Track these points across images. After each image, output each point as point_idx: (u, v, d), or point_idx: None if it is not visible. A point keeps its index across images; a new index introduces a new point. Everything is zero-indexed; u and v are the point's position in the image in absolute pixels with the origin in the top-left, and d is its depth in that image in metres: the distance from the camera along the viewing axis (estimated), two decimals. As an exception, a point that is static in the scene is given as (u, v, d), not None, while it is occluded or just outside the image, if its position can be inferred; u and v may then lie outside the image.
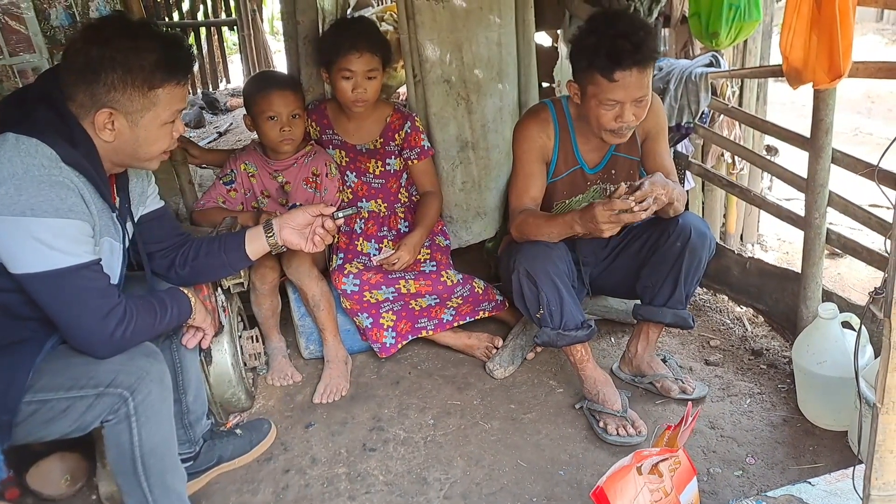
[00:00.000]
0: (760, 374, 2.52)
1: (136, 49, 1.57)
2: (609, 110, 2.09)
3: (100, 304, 1.57)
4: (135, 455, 1.67)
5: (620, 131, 2.13)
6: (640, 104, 2.09)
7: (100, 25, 1.63)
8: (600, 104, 2.09)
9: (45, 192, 1.48)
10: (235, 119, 6.76)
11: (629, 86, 2.03)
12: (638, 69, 2.01)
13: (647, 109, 2.13)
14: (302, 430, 2.35)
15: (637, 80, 2.03)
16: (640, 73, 2.02)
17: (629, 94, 2.05)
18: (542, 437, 2.25)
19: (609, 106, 2.08)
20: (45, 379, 1.59)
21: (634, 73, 2.01)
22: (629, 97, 2.06)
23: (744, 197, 2.93)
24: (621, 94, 2.05)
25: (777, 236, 3.79)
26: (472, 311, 2.73)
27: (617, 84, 2.03)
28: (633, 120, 2.10)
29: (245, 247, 1.98)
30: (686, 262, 2.20)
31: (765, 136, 3.26)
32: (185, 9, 7.77)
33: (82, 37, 1.60)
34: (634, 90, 2.05)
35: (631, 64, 2.00)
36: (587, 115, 2.17)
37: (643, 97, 2.08)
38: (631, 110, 2.08)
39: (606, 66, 2.01)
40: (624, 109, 2.08)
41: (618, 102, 2.07)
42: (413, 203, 2.83)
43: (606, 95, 2.06)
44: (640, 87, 2.05)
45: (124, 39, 1.57)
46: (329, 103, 2.75)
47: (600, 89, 2.06)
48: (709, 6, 2.60)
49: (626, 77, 2.02)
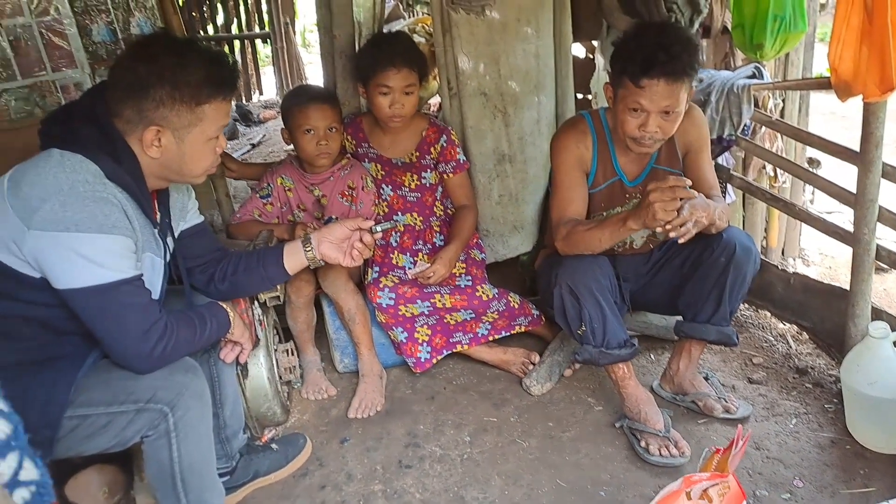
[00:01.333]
0: (806, 393, 2.45)
1: (182, 65, 1.58)
2: (634, 117, 2.06)
3: (141, 319, 1.57)
4: (174, 471, 1.67)
5: (643, 141, 2.08)
6: (667, 117, 2.04)
7: (146, 43, 1.64)
8: (626, 109, 2.06)
9: (89, 207, 1.48)
10: (268, 131, 6.82)
11: (655, 95, 1.99)
12: (666, 80, 1.97)
13: (675, 125, 2.08)
14: (337, 445, 2.33)
15: (664, 92, 1.99)
16: (669, 84, 1.98)
17: (654, 103, 2.01)
18: (581, 456, 2.20)
19: (634, 113, 2.05)
20: (86, 394, 1.60)
21: (662, 83, 1.98)
22: (654, 107, 2.02)
23: (787, 211, 2.86)
24: (646, 103, 2.01)
25: (819, 250, 3.70)
26: (508, 326, 2.69)
27: (643, 91, 2.00)
28: (657, 132, 2.06)
29: (283, 261, 1.98)
30: (730, 277, 2.15)
31: (807, 148, 3.19)
32: (219, 22, 7.87)
33: (129, 54, 1.62)
34: (660, 101, 2.00)
35: (660, 74, 1.96)
36: (616, 119, 2.14)
37: (671, 110, 2.03)
38: (656, 121, 2.04)
39: (636, 71, 1.99)
40: (648, 119, 2.04)
41: (643, 110, 2.03)
42: (448, 216, 2.81)
43: (633, 101, 2.03)
44: (666, 99, 2.00)
45: (171, 56, 1.58)
46: (364, 117, 2.74)
47: (627, 93, 2.04)
48: (753, 17, 2.56)
49: (653, 86, 1.98)
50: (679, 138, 2.26)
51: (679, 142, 2.27)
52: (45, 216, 1.45)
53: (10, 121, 2.58)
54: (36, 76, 2.54)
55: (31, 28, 2.46)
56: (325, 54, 2.84)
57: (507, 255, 2.94)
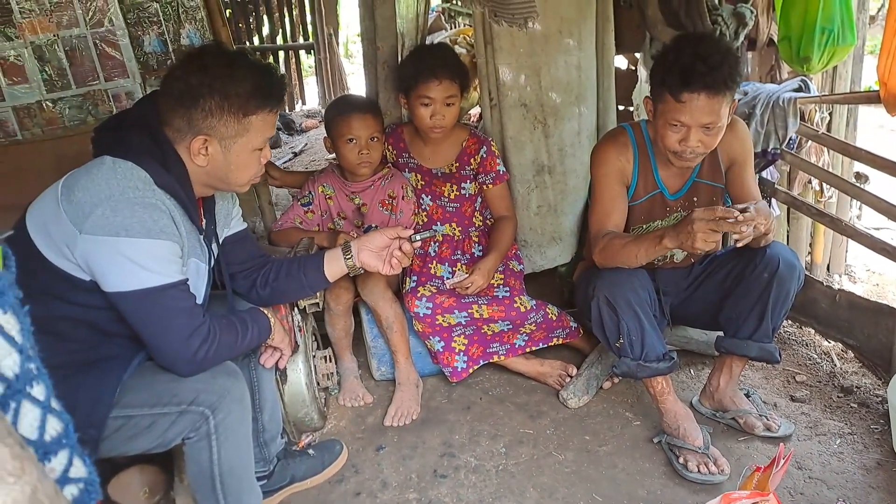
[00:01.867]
0: (851, 413, 2.39)
1: (232, 77, 1.62)
2: (675, 132, 2.03)
3: (185, 323, 1.61)
4: (213, 473, 1.69)
5: (684, 155, 2.05)
6: (708, 132, 2.01)
7: (198, 54, 1.68)
8: (667, 124, 2.03)
9: (138, 213, 1.52)
10: (310, 140, 6.91)
11: (695, 110, 1.96)
12: (707, 94, 1.93)
13: (717, 139, 2.04)
14: (373, 452, 2.35)
15: (705, 106, 1.95)
16: (710, 98, 1.94)
17: (695, 118, 1.97)
18: (618, 470, 2.18)
19: (675, 127, 2.02)
20: (131, 395, 1.63)
21: (703, 97, 1.94)
22: (695, 122, 1.98)
23: (834, 226, 2.80)
24: (687, 117, 1.98)
25: (866, 267, 3.61)
26: (546, 338, 2.68)
27: (683, 106, 1.97)
28: (699, 147, 2.02)
29: (324, 268, 2.00)
30: (774, 293, 2.11)
31: (854, 163, 3.12)
32: (265, 33, 8.01)
33: (182, 65, 1.66)
34: (701, 115, 1.97)
35: (701, 87, 1.93)
36: (657, 133, 2.12)
37: (712, 125, 1.99)
38: (697, 136, 2.00)
39: (676, 85, 1.96)
40: (689, 134, 2.00)
41: (683, 125, 2.00)
42: (487, 227, 2.81)
43: (673, 116, 2.00)
44: (707, 114, 1.96)
45: (222, 68, 1.62)
46: (405, 127, 2.77)
47: (668, 108, 2.01)
48: (800, 30, 2.52)
49: (694, 100, 1.95)
50: (722, 151, 2.23)
51: (722, 155, 2.24)
52: (96, 221, 1.50)
53: (65, 128, 2.67)
54: (89, 85, 2.63)
55: (86, 39, 2.55)
56: (367, 64, 2.88)
57: (544, 265, 2.93)
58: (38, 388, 0.80)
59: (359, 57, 12.52)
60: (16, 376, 0.77)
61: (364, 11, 2.80)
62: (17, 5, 2.47)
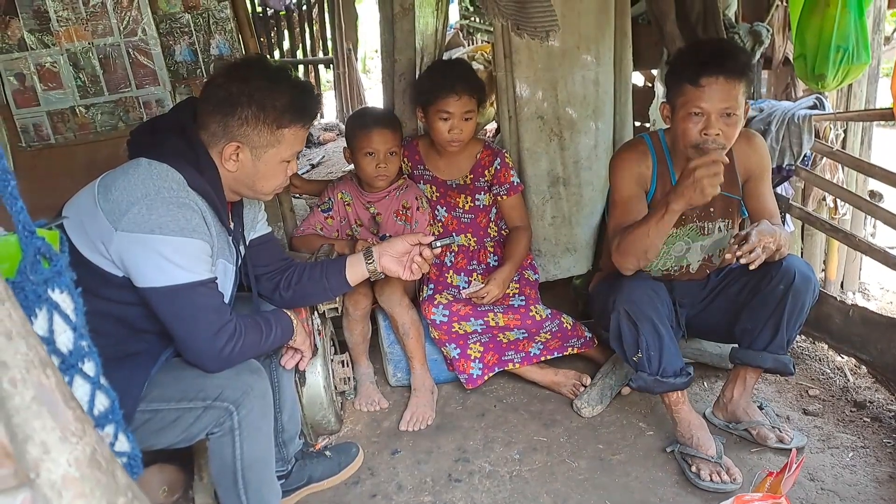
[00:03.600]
0: (864, 427, 2.40)
1: (272, 90, 1.69)
2: (695, 123, 2.06)
3: (213, 319, 1.65)
4: (236, 468, 1.74)
5: (706, 146, 2.05)
6: (728, 120, 2.04)
7: (243, 65, 1.76)
8: (687, 116, 2.07)
9: (172, 212, 1.58)
10: (327, 152, 6.99)
11: (714, 94, 2.01)
12: (724, 77, 2.00)
13: (736, 130, 2.07)
14: (388, 456, 2.38)
15: (723, 89, 2.00)
16: (727, 82, 2.00)
17: (714, 104, 2.02)
18: (631, 479, 2.20)
19: (695, 118, 2.05)
20: (158, 390, 1.68)
21: (721, 80, 2.00)
22: (715, 108, 2.02)
23: (848, 242, 2.82)
24: (706, 103, 2.02)
25: (880, 284, 3.62)
26: (561, 347, 2.71)
27: (703, 91, 2.01)
28: (719, 135, 2.04)
29: (346, 273, 2.05)
30: (789, 305, 2.13)
31: (868, 180, 3.15)
32: (285, 48, 8.14)
33: (225, 73, 1.74)
34: (720, 100, 2.01)
35: (717, 70, 1.99)
36: (676, 134, 2.15)
37: (731, 111, 2.03)
38: (718, 124, 2.03)
39: (693, 72, 2.02)
40: (710, 122, 2.03)
41: (703, 113, 2.04)
42: (502, 237, 2.85)
43: (693, 104, 2.04)
44: (726, 98, 2.01)
45: (263, 80, 1.69)
46: (420, 139, 2.82)
47: (687, 98, 2.05)
48: (815, 48, 2.55)
49: (712, 83, 2.00)
50: (739, 164, 2.26)
51: (739, 167, 2.27)
52: (132, 219, 1.55)
53: (96, 133, 2.75)
54: (121, 92, 2.70)
55: (119, 47, 2.64)
56: (385, 77, 2.94)
57: (558, 275, 2.97)
58: (89, 364, 0.85)
59: (376, 72, 12.65)
60: (69, 352, 0.82)
61: (384, 25, 2.86)
62: (54, 14, 2.56)
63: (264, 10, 7.84)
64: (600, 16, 2.80)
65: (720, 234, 2.33)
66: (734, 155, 2.24)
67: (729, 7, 2.96)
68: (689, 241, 2.32)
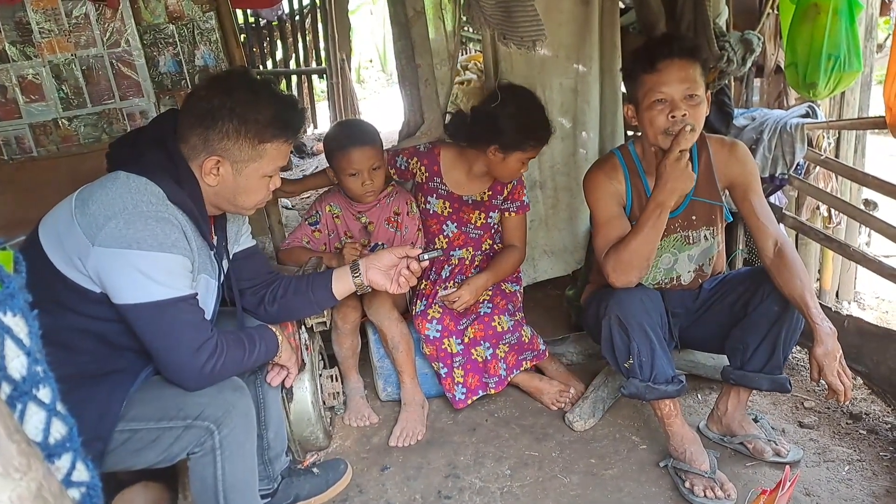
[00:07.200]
0: (860, 439, 2.37)
1: (254, 104, 1.65)
2: (660, 112, 2.04)
3: (193, 336, 1.62)
4: (217, 488, 1.69)
5: (674, 128, 2.03)
6: (691, 101, 2.02)
7: (225, 77, 1.72)
8: (651, 106, 2.05)
9: (151, 227, 1.54)
10: (321, 163, 6.96)
11: (672, 75, 2.01)
12: (679, 59, 2.01)
13: (702, 114, 2.06)
14: (377, 472, 2.34)
15: (680, 71, 2.01)
16: (682, 63, 2.01)
17: (674, 86, 2.01)
18: (623, 494, 2.16)
19: (659, 105, 2.04)
20: (137, 409, 1.64)
21: (676, 62, 2.01)
22: (676, 91, 2.01)
23: (843, 252, 2.80)
24: (667, 87, 2.01)
25: (875, 294, 3.59)
26: (517, 363, 2.65)
27: (660, 73, 2.01)
28: (686, 116, 2.02)
29: (332, 286, 2.01)
30: (785, 326, 2.09)
31: (863, 189, 3.12)
32: (278, 57, 8.13)
33: (207, 85, 1.70)
34: (678, 81, 2.01)
35: (669, 53, 2.01)
36: (643, 130, 2.13)
37: (692, 92, 2.02)
38: (682, 106, 2.02)
39: (646, 61, 2.04)
40: (675, 104, 2.02)
41: (666, 98, 2.03)
42: (494, 252, 2.81)
43: (654, 90, 2.03)
44: (685, 79, 2.01)
45: (246, 93, 1.66)
46: (444, 149, 2.72)
47: (647, 87, 2.05)
48: (806, 56, 2.54)
49: (668, 66, 2.01)
50: (719, 171, 2.23)
51: (719, 174, 2.24)
52: (109, 233, 1.52)
53: (80, 145, 2.72)
54: (105, 104, 2.67)
55: (102, 59, 2.61)
56: (406, 84, 2.86)
57: (536, 277, 2.97)
58: (45, 390, 0.81)
59: (370, 82, 12.64)
60: (23, 378, 0.78)
61: (398, 31, 2.80)
62: (36, 25, 2.53)
63: (257, 21, 7.83)
64: (582, 26, 2.81)
65: (706, 242, 2.30)
66: (713, 161, 2.23)
67: (720, 15, 2.93)
68: (676, 251, 2.29)
